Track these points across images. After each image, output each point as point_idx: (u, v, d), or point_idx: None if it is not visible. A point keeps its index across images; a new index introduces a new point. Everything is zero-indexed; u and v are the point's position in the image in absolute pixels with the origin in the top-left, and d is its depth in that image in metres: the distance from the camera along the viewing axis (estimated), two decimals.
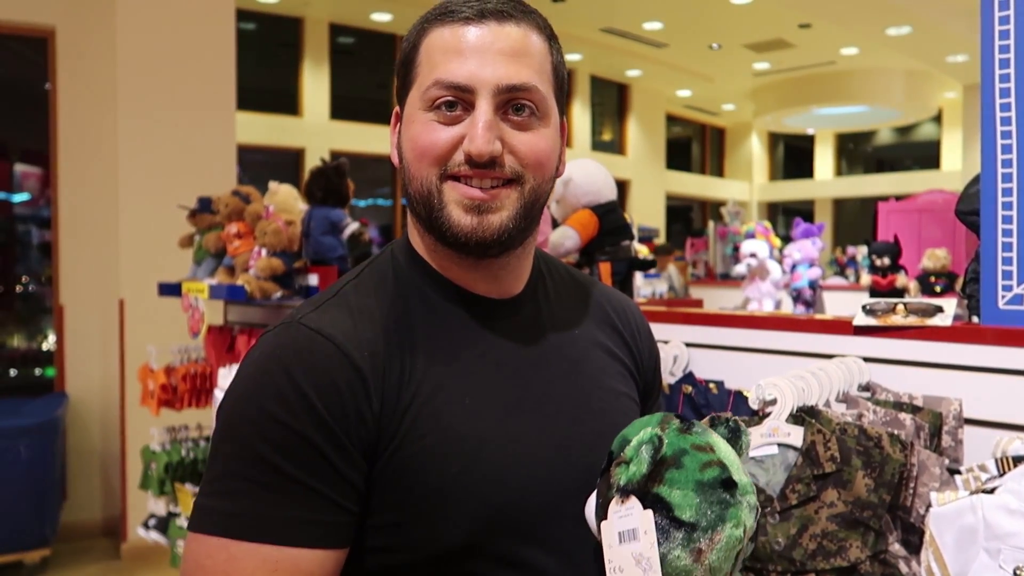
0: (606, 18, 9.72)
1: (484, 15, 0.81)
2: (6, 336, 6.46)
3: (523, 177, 0.83)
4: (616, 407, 0.92)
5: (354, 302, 0.84)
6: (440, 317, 0.85)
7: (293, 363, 0.76)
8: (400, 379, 0.79)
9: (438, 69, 0.81)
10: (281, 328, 0.81)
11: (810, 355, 1.43)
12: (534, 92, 0.82)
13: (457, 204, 0.82)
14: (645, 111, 13.35)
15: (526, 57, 0.82)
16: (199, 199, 2.97)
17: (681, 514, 0.66)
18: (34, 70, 4.68)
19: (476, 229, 0.81)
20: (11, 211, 7.49)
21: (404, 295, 0.86)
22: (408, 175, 0.85)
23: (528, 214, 0.84)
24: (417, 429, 0.78)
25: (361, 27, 9.73)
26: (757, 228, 4.78)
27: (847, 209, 16.33)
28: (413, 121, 0.83)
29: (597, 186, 1.90)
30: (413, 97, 0.84)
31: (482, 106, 0.80)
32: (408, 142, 0.84)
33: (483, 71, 0.80)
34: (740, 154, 16.89)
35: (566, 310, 0.96)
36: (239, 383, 0.79)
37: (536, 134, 0.83)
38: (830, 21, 9.21)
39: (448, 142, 0.81)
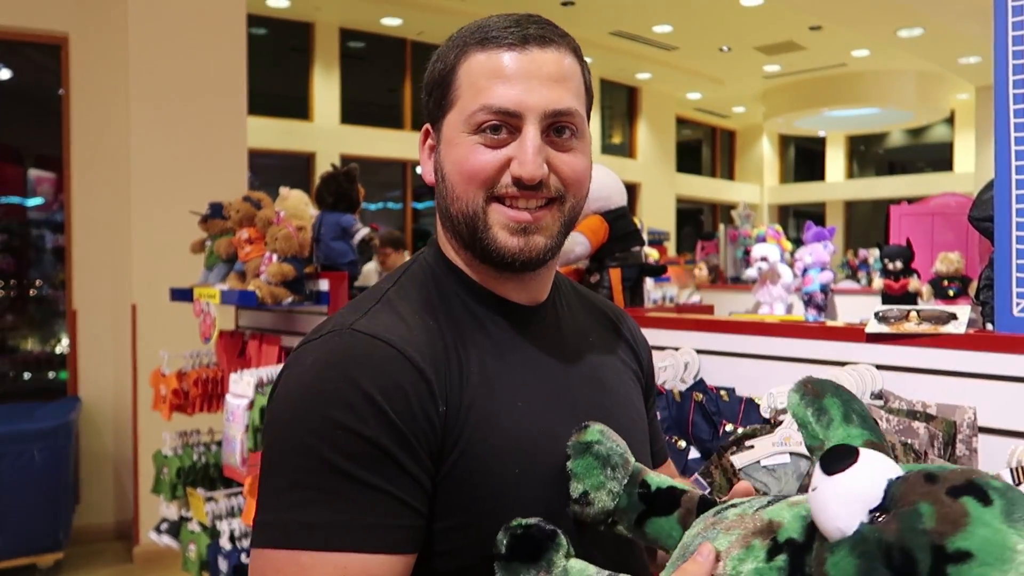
0: (616, 21, 9.71)
1: (527, 41, 0.85)
2: (20, 340, 6.51)
3: (564, 196, 0.87)
4: (629, 413, 0.97)
5: (401, 307, 0.85)
6: (481, 323, 0.88)
7: (353, 368, 0.76)
8: (460, 381, 0.81)
9: (484, 94, 0.83)
10: (330, 336, 0.80)
11: (822, 362, 1.42)
12: (575, 116, 0.86)
13: (503, 227, 0.85)
14: (655, 114, 13.33)
15: (567, 82, 0.86)
16: (210, 205, 2.98)
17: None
18: (48, 76, 4.72)
19: (523, 250, 0.85)
20: (25, 215, 7.55)
21: (446, 302, 0.88)
22: (451, 195, 0.87)
23: (566, 231, 0.89)
24: (480, 431, 0.79)
25: (371, 32, 9.77)
26: (768, 232, 4.75)
27: (859, 212, 16.25)
28: (456, 144, 0.86)
29: (607, 192, 1.89)
30: (454, 120, 0.86)
31: (529, 131, 0.83)
32: (452, 164, 0.86)
33: (529, 97, 0.83)
34: (751, 157, 16.84)
35: (578, 318, 1.00)
36: (293, 394, 0.78)
37: (576, 155, 0.87)
38: (841, 23, 9.17)
39: (496, 165, 0.84)
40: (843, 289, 5.83)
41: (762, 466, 1.15)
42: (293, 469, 0.74)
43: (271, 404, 0.80)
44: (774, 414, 1.16)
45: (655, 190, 13.09)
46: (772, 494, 1.12)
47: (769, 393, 1.17)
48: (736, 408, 1.43)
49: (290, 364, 0.81)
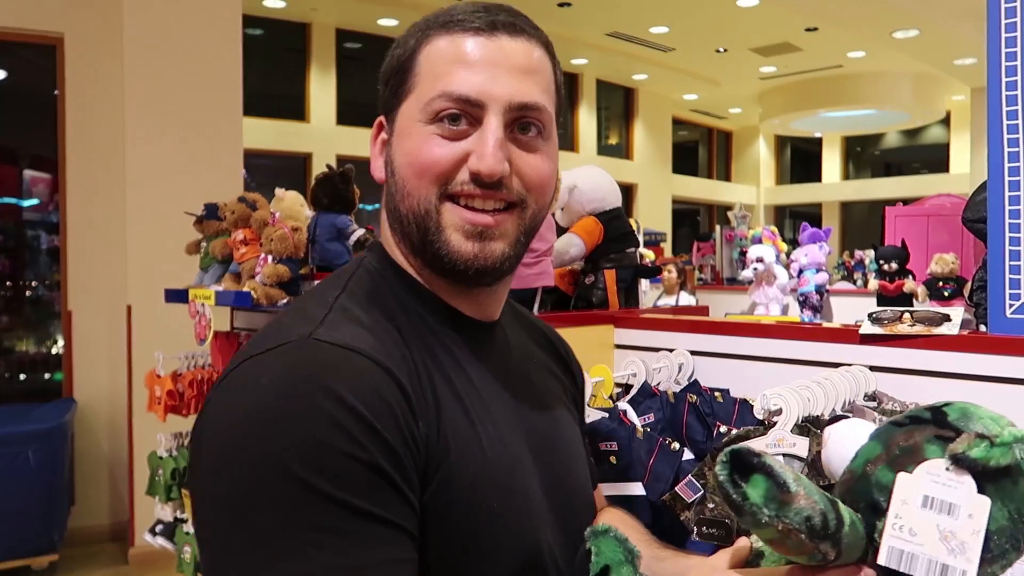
0: (612, 22, 9.72)
1: (495, 27, 0.77)
2: (15, 341, 6.49)
3: (525, 201, 0.79)
4: (573, 436, 0.92)
5: (359, 316, 0.74)
6: (440, 338, 0.78)
7: (330, 380, 0.63)
8: (435, 401, 0.71)
9: (444, 80, 0.75)
10: (285, 348, 0.67)
11: (816, 364, 1.43)
12: (543, 112, 0.78)
13: (457, 229, 0.76)
14: (651, 115, 13.34)
15: (536, 75, 0.78)
16: (206, 206, 2.98)
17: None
18: (43, 77, 4.71)
19: (477, 257, 0.76)
20: (20, 216, 7.53)
21: (404, 312, 0.78)
22: (401, 191, 0.78)
23: (526, 240, 0.81)
24: (460, 458, 0.71)
25: (368, 32, 9.76)
26: (764, 233, 4.77)
27: (854, 213, 16.28)
28: (410, 134, 0.77)
29: (602, 193, 1.90)
30: (410, 108, 0.78)
31: (492, 122, 0.75)
32: (404, 156, 0.78)
33: (494, 86, 0.75)
34: (747, 158, 16.86)
35: (519, 336, 0.94)
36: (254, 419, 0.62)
37: (541, 156, 0.79)
38: (837, 25, 9.19)
39: (452, 158, 0.76)
40: (839, 290, 5.84)
41: None
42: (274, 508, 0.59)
43: (212, 438, 0.64)
44: (768, 416, 1.17)
45: (652, 191, 13.10)
46: None
47: (763, 395, 1.17)
48: (730, 409, 1.43)
49: (229, 387, 0.66)
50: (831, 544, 0.61)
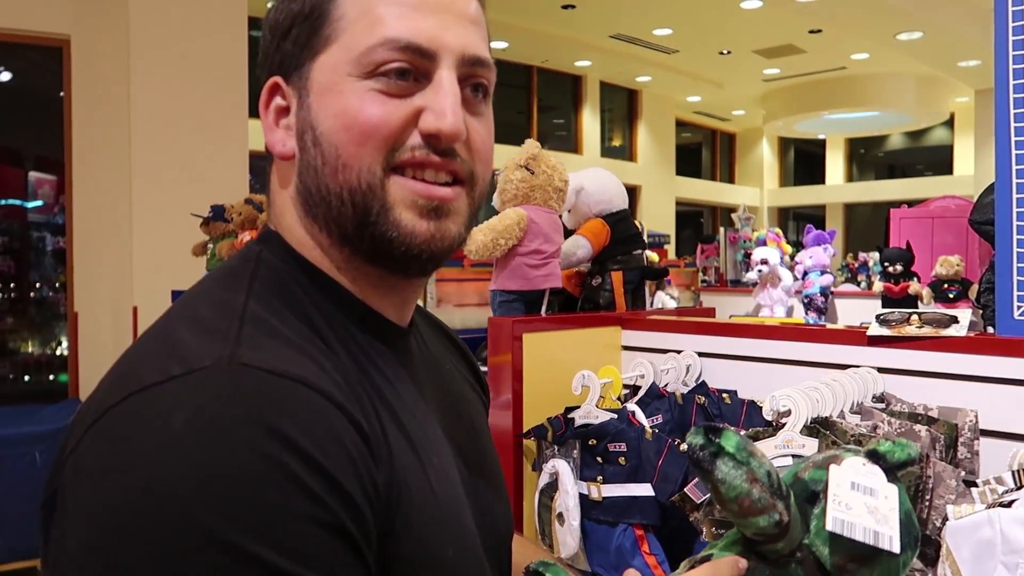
0: (616, 24, 9.73)
1: None
2: (20, 342, 6.51)
3: (475, 175, 0.67)
4: (492, 449, 0.81)
5: (282, 330, 0.57)
6: (367, 352, 0.64)
7: (278, 422, 0.48)
8: (383, 435, 0.58)
9: (385, 25, 0.62)
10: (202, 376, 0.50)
11: (823, 365, 1.43)
12: (491, 70, 0.67)
13: (409, 206, 0.63)
14: (655, 117, 13.35)
15: (481, 28, 0.67)
16: (212, 207, 2.99)
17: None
18: (48, 79, 4.72)
19: (433, 238, 0.63)
20: (26, 218, 7.55)
21: (326, 321, 0.62)
22: (333, 163, 0.62)
23: (471, 223, 0.69)
24: (418, 503, 0.58)
25: None
26: (768, 235, 4.76)
27: (858, 214, 16.27)
28: (340, 91, 0.62)
29: (608, 195, 1.90)
30: (332, 61, 0.63)
31: (446, 76, 0.63)
32: (335, 119, 0.62)
33: (447, 34, 0.63)
34: (750, 159, 16.86)
35: (432, 342, 0.81)
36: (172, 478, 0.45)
37: (486, 124, 0.68)
38: (840, 27, 9.19)
39: (401, 118, 0.62)
40: (843, 292, 5.83)
41: None
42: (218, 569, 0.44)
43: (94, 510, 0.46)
44: (776, 417, 1.17)
45: (655, 193, 13.10)
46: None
47: (771, 396, 1.17)
48: (738, 411, 1.43)
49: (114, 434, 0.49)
50: (785, 505, 0.69)
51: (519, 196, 1.68)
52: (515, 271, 1.66)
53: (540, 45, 10.34)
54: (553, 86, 11.95)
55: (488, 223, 1.65)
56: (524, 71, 11.34)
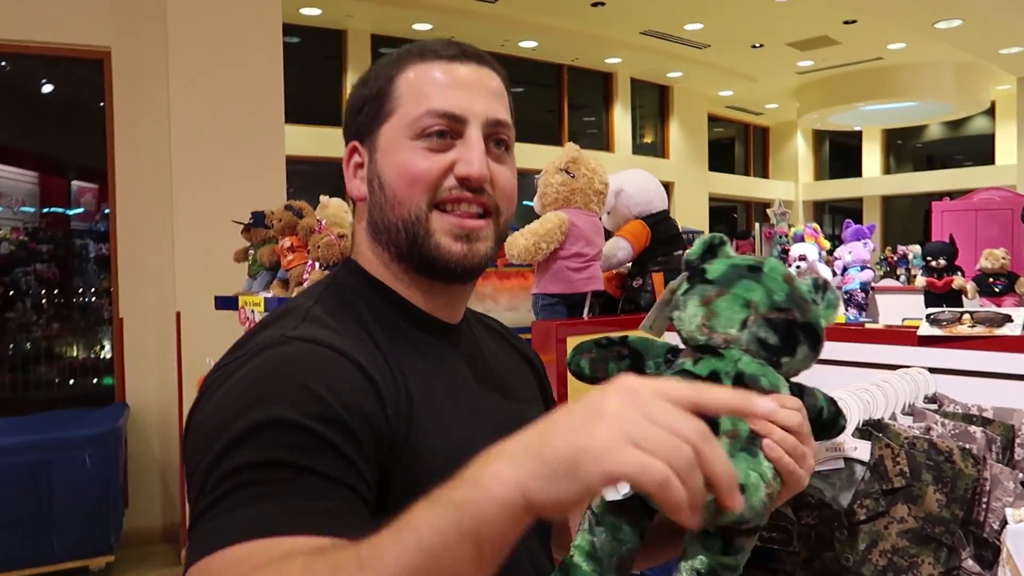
0: (646, 21, 9.67)
1: (466, 56, 0.89)
2: (65, 347, 6.67)
3: (499, 209, 0.89)
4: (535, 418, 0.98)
5: (332, 321, 0.82)
6: (411, 341, 0.87)
7: (295, 369, 0.73)
8: (405, 394, 0.80)
9: (429, 100, 0.85)
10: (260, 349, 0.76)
11: (873, 366, 1.41)
12: (510, 129, 0.90)
13: (446, 233, 0.86)
14: (687, 112, 13.24)
15: (502, 98, 0.90)
16: (253, 214, 3.03)
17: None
18: (89, 89, 4.83)
19: (465, 256, 0.86)
20: (68, 225, 7.74)
21: (376, 316, 0.87)
22: (391, 201, 0.86)
23: (497, 246, 0.91)
24: (426, 445, 0.78)
25: (402, 37, 9.84)
26: (806, 230, 4.69)
27: (896, 207, 15.97)
28: (398, 149, 0.86)
29: (648, 196, 1.90)
30: (394, 127, 0.87)
31: (474, 135, 0.85)
32: (394, 168, 0.86)
33: (474, 104, 0.86)
34: (784, 153, 16.64)
35: (483, 337, 1.02)
36: (223, 404, 0.72)
37: (508, 168, 0.90)
38: (876, 16, 9.03)
39: (441, 167, 0.85)
40: (884, 287, 5.72)
41: (816, 471, 1.14)
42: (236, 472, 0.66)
43: (192, 428, 0.74)
44: None
45: (688, 189, 12.99)
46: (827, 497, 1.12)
47: None
48: None
49: (210, 387, 0.75)
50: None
51: (560, 199, 1.68)
52: (557, 274, 1.67)
53: (570, 43, 10.32)
54: (583, 84, 11.91)
55: (529, 227, 1.65)
56: (554, 70, 11.32)
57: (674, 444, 0.53)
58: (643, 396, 0.55)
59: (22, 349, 6.12)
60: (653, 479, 0.52)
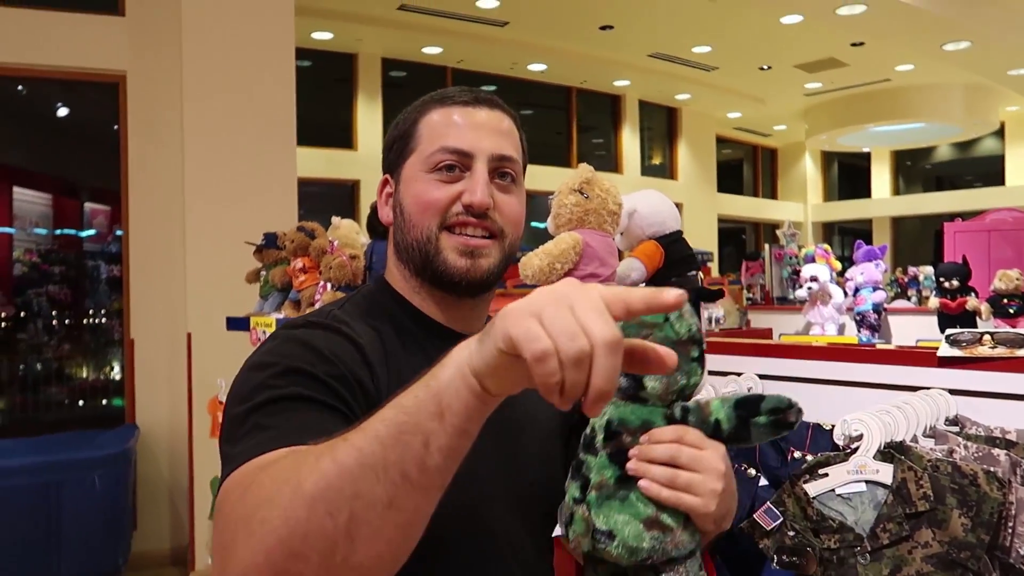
0: (655, 43, 9.73)
1: (479, 101, 1.02)
2: (75, 368, 6.69)
3: (504, 232, 1.01)
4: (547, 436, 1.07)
5: (347, 320, 0.96)
6: (420, 344, 0.98)
7: (306, 338, 0.89)
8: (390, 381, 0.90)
9: (443, 138, 0.99)
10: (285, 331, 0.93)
11: (891, 387, 1.40)
12: (515, 163, 1.02)
13: (453, 250, 0.98)
14: (695, 134, 13.27)
15: (509, 137, 1.02)
16: (265, 235, 3.05)
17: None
18: (101, 113, 4.89)
19: (469, 271, 0.98)
20: (81, 247, 7.78)
21: (390, 323, 1.00)
22: (407, 226, 1.00)
23: (504, 265, 1.02)
24: None
25: (412, 60, 9.93)
26: (817, 251, 4.68)
27: (906, 228, 15.92)
28: (416, 181, 1.00)
29: (662, 216, 1.89)
30: (414, 162, 1.01)
31: (480, 168, 0.98)
32: (411, 198, 1.00)
33: (481, 142, 0.99)
34: (793, 175, 16.64)
35: None
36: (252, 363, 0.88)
37: (514, 197, 1.02)
38: (884, 39, 9.06)
39: (449, 197, 0.98)
40: (896, 308, 5.69)
41: (837, 495, 1.12)
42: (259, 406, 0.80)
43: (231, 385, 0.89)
44: (847, 441, 1.14)
45: (696, 210, 12.99)
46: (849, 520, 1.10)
47: (843, 420, 1.15)
48: (803, 434, 1.40)
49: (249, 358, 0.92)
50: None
51: (573, 220, 1.67)
52: None
53: (578, 66, 10.39)
54: (592, 106, 11.97)
55: (544, 247, 1.65)
56: (563, 92, 11.39)
57: (573, 333, 0.57)
58: (578, 291, 0.60)
59: (33, 370, 6.13)
60: (533, 350, 0.57)
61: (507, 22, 8.70)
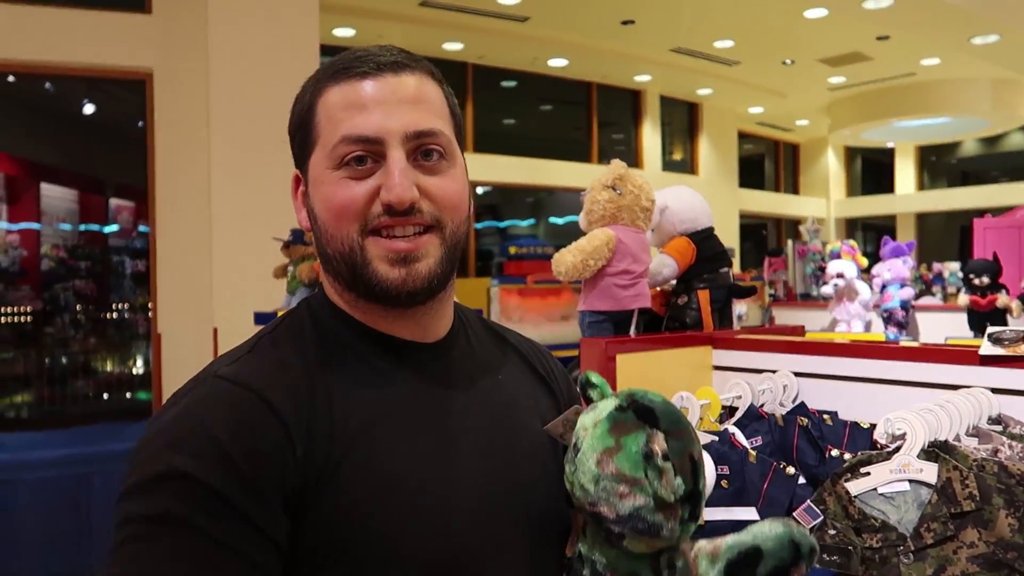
0: (676, 38, 9.67)
1: (380, 68, 0.83)
2: (100, 361, 6.77)
3: (441, 221, 0.83)
4: (542, 451, 0.92)
5: (272, 354, 0.81)
6: (367, 364, 0.83)
7: (206, 415, 0.73)
8: (330, 428, 0.76)
9: (342, 126, 0.81)
10: (195, 384, 0.78)
11: (930, 385, 1.38)
12: (440, 136, 0.83)
13: (382, 259, 0.81)
14: (716, 129, 13.19)
15: (426, 103, 0.84)
16: (292, 231, 3.07)
17: None
18: (127, 110, 4.94)
19: (405, 281, 0.81)
20: (105, 242, 7.86)
21: (326, 345, 0.84)
22: (325, 236, 0.84)
23: (451, 258, 0.85)
24: (355, 476, 0.75)
25: (433, 56, 9.89)
26: (843, 247, 4.65)
27: (931, 224, 15.73)
28: (323, 182, 0.83)
29: (694, 213, 1.89)
30: (318, 158, 0.83)
31: (394, 155, 0.81)
32: (322, 203, 0.83)
33: (389, 121, 0.81)
34: (816, 170, 16.49)
35: (488, 354, 0.96)
36: (145, 442, 0.73)
37: (446, 177, 0.84)
38: (910, 32, 8.95)
39: (364, 196, 0.81)
40: (923, 305, 5.63)
41: (879, 493, 1.11)
42: (132, 521, 0.69)
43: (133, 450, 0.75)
44: (890, 439, 1.13)
45: (718, 206, 12.79)
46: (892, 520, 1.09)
47: (886, 419, 1.14)
48: (841, 433, 1.39)
49: (157, 415, 0.77)
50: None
51: (606, 216, 1.67)
52: (604, 291, 1.66)
53: (599, 61, 10.34)
54: (612, 101, 11.92)
55: (577, 244, 1.65)
56: (583, 87, 11.35)
57: None
58: None
59: (59, 363, 6.21)
60: None
61: (528, 17, 8.67)
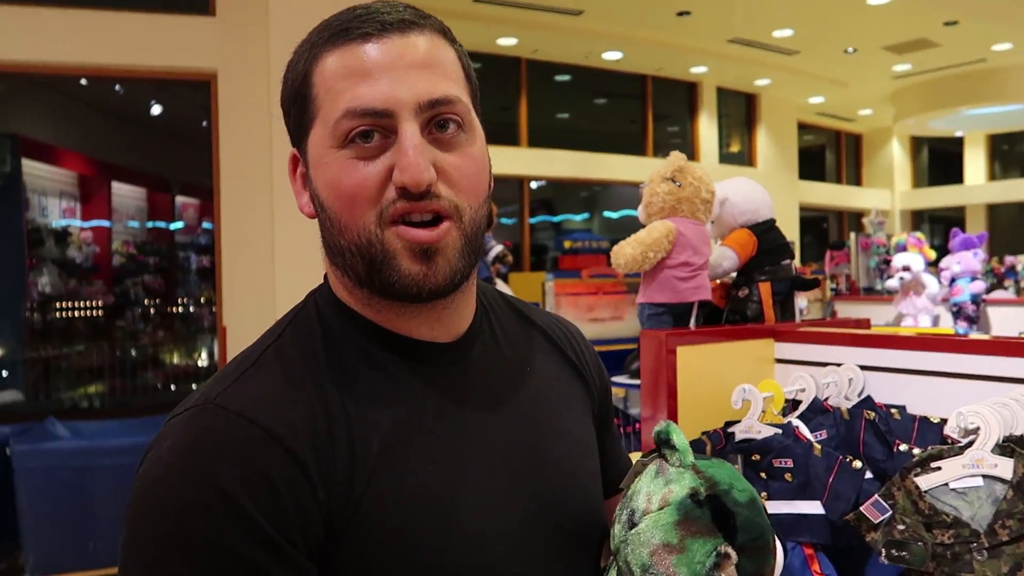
0: (734, 28, 9.51)
1: (385, 28, 0.71)
2: (167, 354, 7.01)
3: (460, 209, 0.73)
4: (575, 453, 0.86)
5: (278, 371, 0.72)
6: (385, 373, 0.75)
7: (211, 458, 0.64)
8: (351, 455, 0.69)
9: (344, 97, 0.70)
10: (193, 412, 0.68)
11: (1000, 379, 1.34)
12: (457, 104, 0.73)
13: (405, 253, 0.72)
14: (775, 120, 12.93)
15: (440, 66, 0.73)
16: None
17: None
18: (192, 111, 5.09)
19: (428, 277, 0.72)
20: (172, 239, 8.14)
21: (338, 354, 0.75)
22: (337, 226, 0.73)
23: (471, 248, 0.75)
24: (383, 508, 0.68)
25: (487, 52, 9.97)
26: (909, 240, 4.52)
27: (1003, 215, 15.14)
28: (326, 163, 0.72)
29: (754, 205, 1.86)
30: (318, 135, 0.73)
31: (406, 129, 0.70)
32: (328, 188, 0.73)
33: (399, 90, 0.70)
34: (879, 161, 16.02)
35: (513, 346, 0.87)
36: (148, 488, 0.66)
37: (465, 154, 0.74)
38: (979, 17, 8.63)
39: (376, 179, 0.70)
40: (995, 299, 5.42)
41: (951, 489, 1.09)
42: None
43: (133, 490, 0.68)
44: (963, 434, 1.11)
45: (777, 198, 12.28)
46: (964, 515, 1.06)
47: (958, 412, 1.11)
48: (909, 427, 1.36)
49: (154, 443, 0.69)
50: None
51: (666, 208, 1.67)
52: (664, 284, 1.65)
53: (655, 54, 10.24)
54: (668, 94, 11.79)
55: (636, 236, 1.65)
56: (638, 80, 11.25)
57: None
58: None
59: (129, 355, 6.46)
60: None
61: (582, 11, 8.63)
